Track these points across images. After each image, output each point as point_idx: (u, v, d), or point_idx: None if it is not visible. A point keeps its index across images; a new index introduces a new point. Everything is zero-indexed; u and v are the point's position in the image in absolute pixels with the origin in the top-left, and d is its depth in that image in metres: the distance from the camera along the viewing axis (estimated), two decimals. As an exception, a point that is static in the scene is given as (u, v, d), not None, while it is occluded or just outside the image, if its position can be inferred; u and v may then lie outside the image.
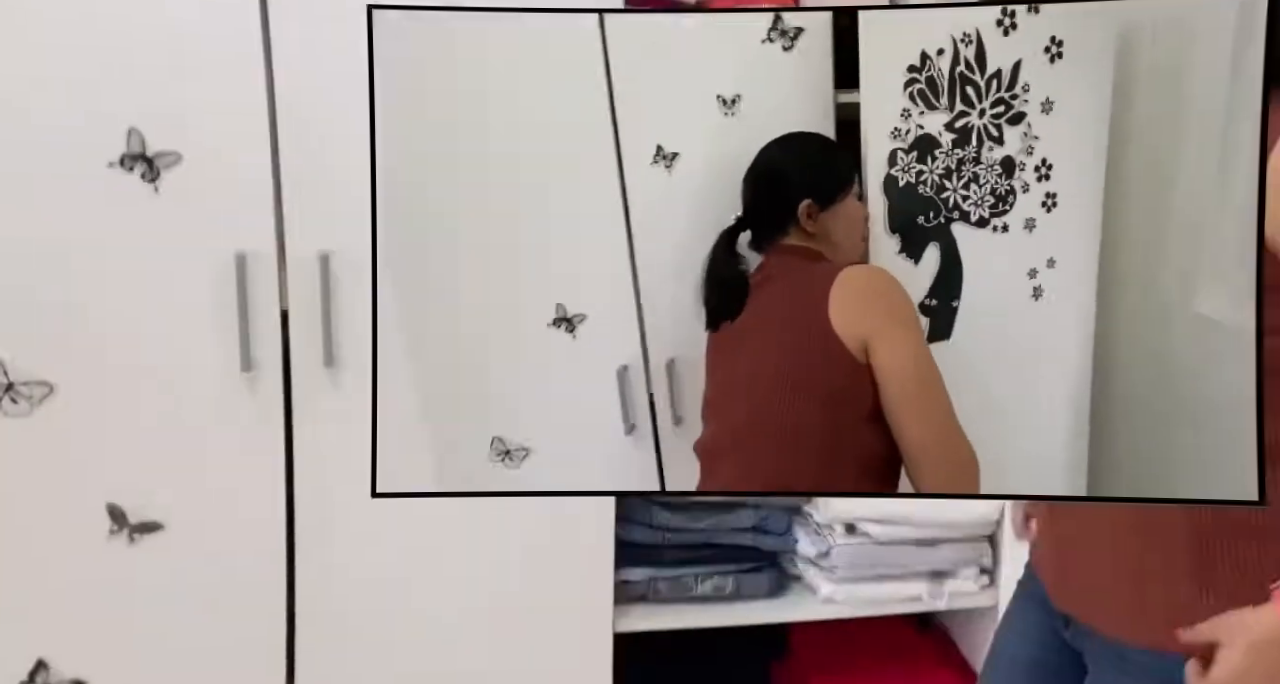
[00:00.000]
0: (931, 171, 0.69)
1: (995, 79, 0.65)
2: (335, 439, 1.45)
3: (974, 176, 0.67)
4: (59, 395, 1.37)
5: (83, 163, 1.31)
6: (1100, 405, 0.70)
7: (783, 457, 0.85)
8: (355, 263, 1.39)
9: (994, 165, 0.67)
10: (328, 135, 1.35)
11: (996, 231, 0.69)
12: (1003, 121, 0.66)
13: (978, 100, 0.66)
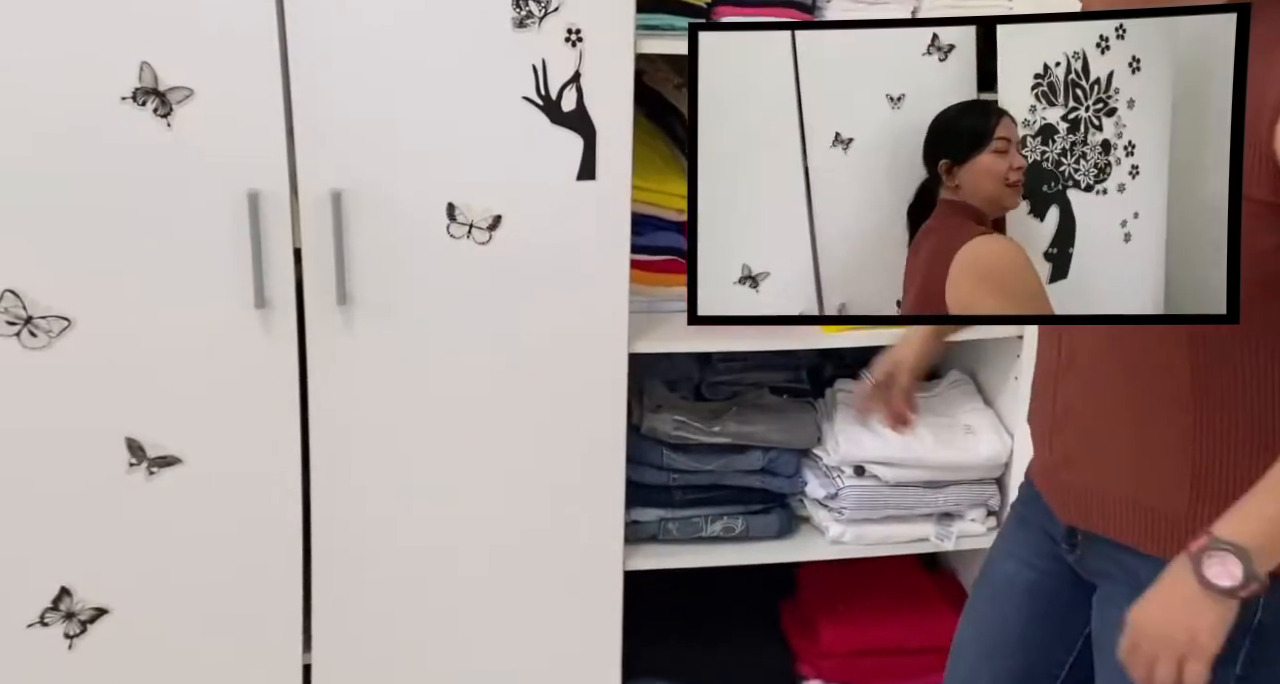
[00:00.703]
0: (1051, 151, 0.94)
1: (1096, 84, 0.93)
2: (348, 376, 1.47)
3: (1082, 155, 0.94)
4: (76, 329, 1.38)
5: (95, 96, 1.31)
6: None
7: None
8: (367, 200, 1.40)
9: (1096, 146, 0.94)
10: (340, 72, 1.35)
11: (1098, 194, 0.95)
12: (1101, 114, 0.94)
13: (1084, 99, 0.93)
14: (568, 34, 1.39)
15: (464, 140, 1.41)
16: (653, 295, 1.66)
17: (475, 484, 1.55)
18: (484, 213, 1.44)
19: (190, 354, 1.42)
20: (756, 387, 1.77)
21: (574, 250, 1.48)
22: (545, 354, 1.51)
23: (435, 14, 1.35)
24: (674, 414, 1.66)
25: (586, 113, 1.43)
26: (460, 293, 1.47)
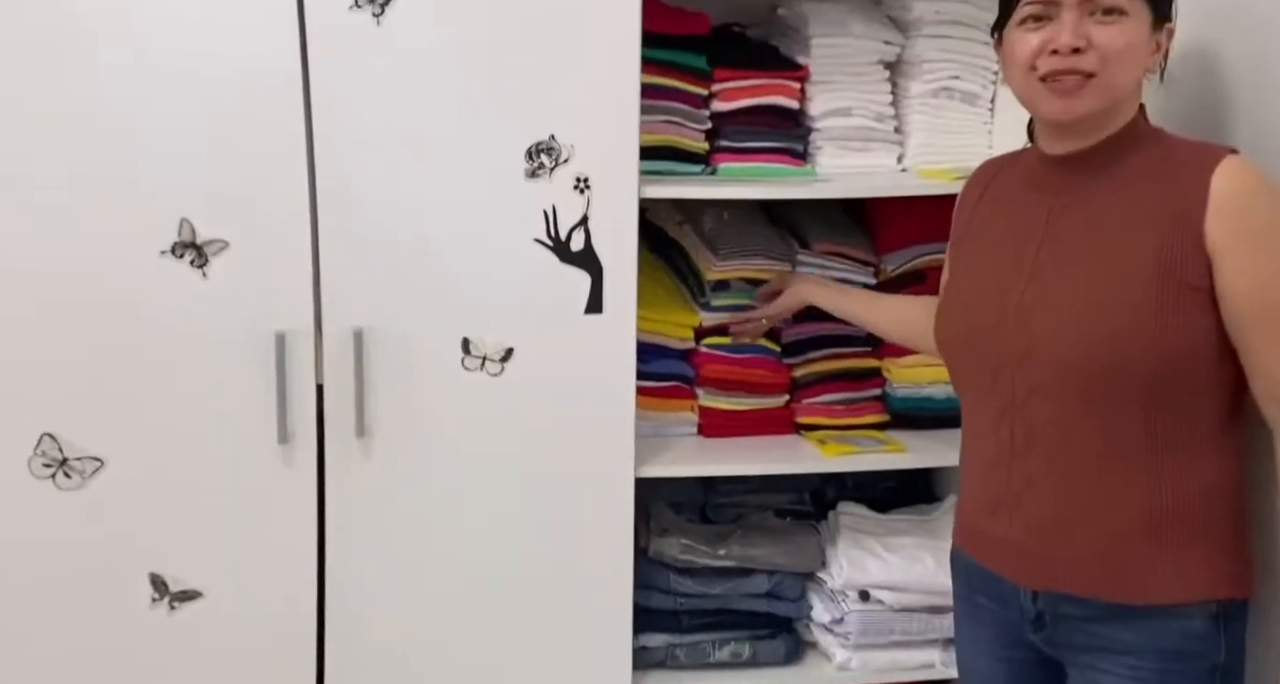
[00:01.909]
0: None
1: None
2: (364, 506, 1.51)
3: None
4: (108, 468, 1.44)
5: (136, 250, 1.40)
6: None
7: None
8: (387, 337, 1.48)
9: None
10: (366, 219, 1.45)
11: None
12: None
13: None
14: (576, 182, 1.49)
15: (479, 279, 1.49)
16: (659, 420, 1.72)
17: (488, 611, 1.57)
18: (497, 346, 1.52)
19: (214, 489, 1.47)
20: (760, 509, 1.80)
21: (582, 379, 1.55)
22: (555, 480, 1.56)
23: (455, 167, 1.46)
24: (680, 537, 1.69)
25: (594, 252, 1.52)
26: (473, 422, 1.53)
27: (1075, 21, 1.05)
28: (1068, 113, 1.07)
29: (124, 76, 1.36)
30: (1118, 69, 1.06)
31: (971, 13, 1.66)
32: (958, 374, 1.24)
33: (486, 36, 1.42)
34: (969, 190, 1.30)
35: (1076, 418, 1.09)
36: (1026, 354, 1.11)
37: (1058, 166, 1.13)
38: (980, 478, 1.19)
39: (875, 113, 1.68)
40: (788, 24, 1.71)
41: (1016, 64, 1.10)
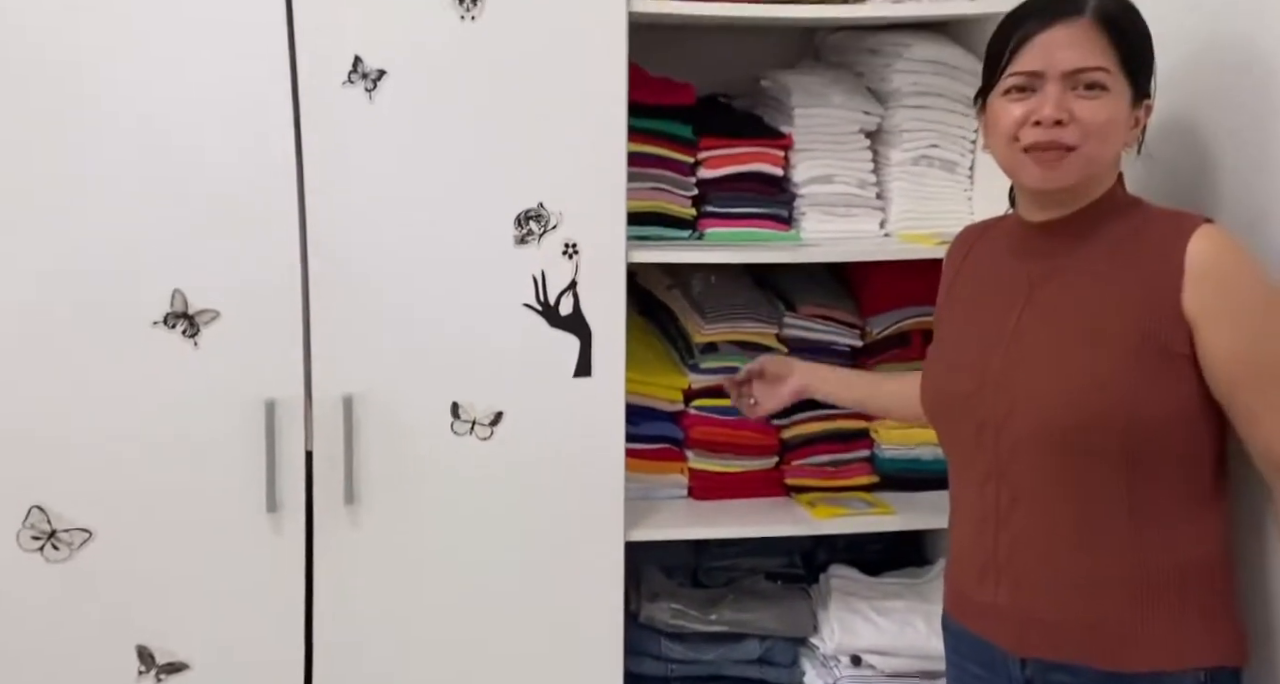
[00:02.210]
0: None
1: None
2: (353, 573, 1.51)
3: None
4: (97, 540, 1.44)
5: (127, 323, 1.42)
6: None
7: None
8: (377, 402, 1.49)
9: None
10: (356, 287, 1.47)
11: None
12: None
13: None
14: (565, 247, 1.52)
15: (468, 344, 1.51)
16: (649, 483, 1.72)
17: (475, 674, 1.55)
18: (486, 410, 1.53)
19: (202, 560, 1.46)
20: (752, 572, 1.80)
21: (572, 443, 1.55)
22: (545, 545, 1.55)
23: (445, 234, 1.48)
24: (671, 602, 1.68)
25: (583, 316, 1.54)
26: (462, 487, 1.53)
27: (1059, 95, 1.07)
28: (1048, 182, 1.10)
29: (119, 149, 1.39)
30: (1098, 143, 1.08)
31: (947, 85, 1.70)
32: (944, 436, 1.25)
33: (476, 108, 1.46)
34: (952, 255, 1.32)
35: (1058, 481, 1.10)
36: (1007, 416, 1.12)
37: (1038, 233, 1.15)
38: (968, 541, 1.19)
39: (857, 179, 1.72)
40: (771, 95, 1.76)
41: (999, 133, 1.12)
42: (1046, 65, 1.08)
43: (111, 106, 1.38)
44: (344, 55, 1.42)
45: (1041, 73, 1.08)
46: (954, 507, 1.25)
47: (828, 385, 1.54)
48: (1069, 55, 1.07)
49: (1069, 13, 1.09)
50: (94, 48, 1.36)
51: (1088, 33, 1.08)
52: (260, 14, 1.39)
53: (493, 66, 1.45)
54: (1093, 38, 1.08)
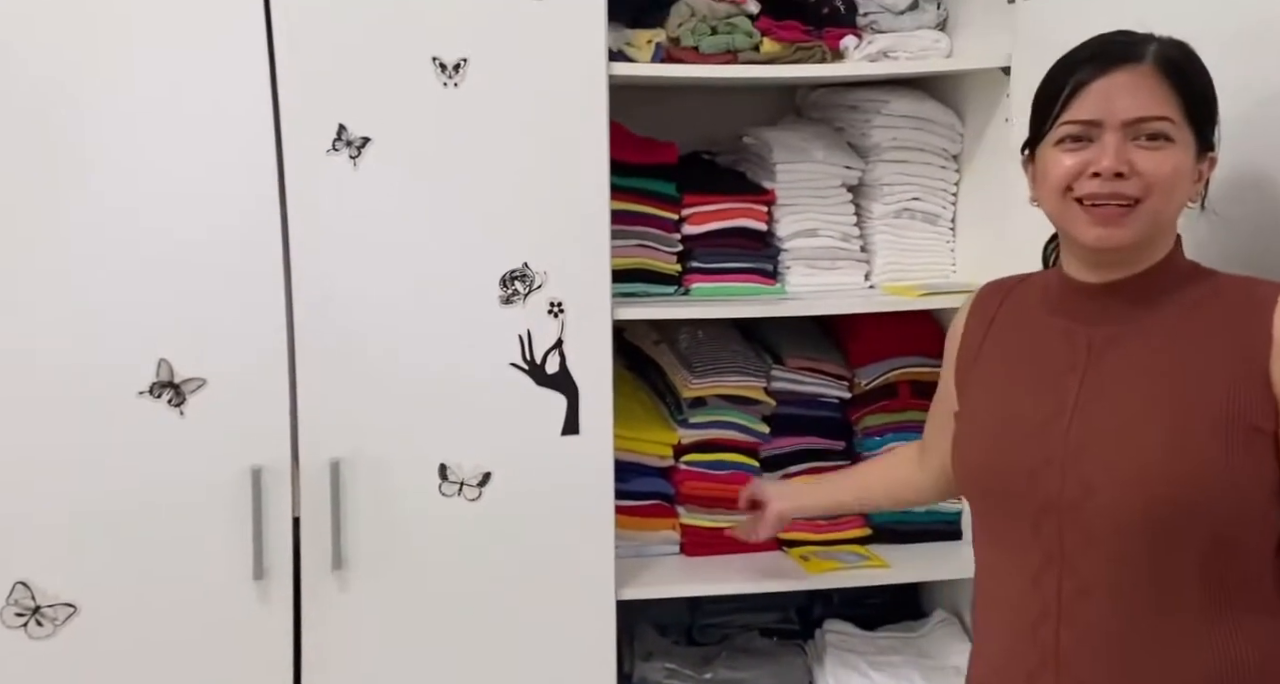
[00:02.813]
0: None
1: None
2: (342, 638, 1.49)
3: None
4: (81, 615, 1.43)
5: (113, 393, 1.42)
6: None
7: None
8: (364, 467, 1.48)
9: None
10: (342, 352, 1.47)
11: None
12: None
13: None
14: (550, 307, 1.53)
15: (455, 405, 1.51)
16: (639, 540, 1.71)
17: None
18: (474, 471, 1.52)
19: (188, 631, 1.45)
20: (746, 629, 1.77)
21: (561, 502, 1.54)
22: (535, 605, 1.54)
23: (430, 296, 1.49)
24: (665, 662, 1.66)
25: (569, 374, 1.54)
26: (451, 549, 1.52)
27: (1118, 145, 0.98)
28: (1107, 241, 1.00)
29: (102, 218, 1.39)
30: (1162, 197, 0.99)
31: (926, 139, 1.73)
32: (988, 516, 1.09)
33: (460, 172, 1.48)
34: (975, 314, 1.19)
35: (1134, 570, 0.97)
36: (1080, 500, 0.99)
37: (1093, 295, 1.05)
38: (1012, 638, 1.04)
39: (841, 233, 1.74)
40: (753, 151, 1.78)
41: (1051, 185, 1.03)
42: (1105, 114, 0.99)
43: (95, 176, 1.39)
44: (328, 123, 1.44)
45: (1100, 122, 0.99)
46: (988, 599, 1.09)
47: (811, 500, 1.52)
48: (1130, 103, 0.98)
49: (1130, 58, 1.00)
50: (79, 117, 1.38)
51: (1149, 80, 0.99)
52: (244, 83, 1.41)
53: (475, 131, 1.47)
54: (1155, 85, 0.99)
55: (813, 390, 1.75)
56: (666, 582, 1.65)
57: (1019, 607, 1.03)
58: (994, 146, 1.65)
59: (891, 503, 1.47)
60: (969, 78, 1.70)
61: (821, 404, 1.77)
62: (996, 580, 1.07)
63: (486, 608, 1.53)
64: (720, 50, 1.63)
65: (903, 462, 1.41)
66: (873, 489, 1.45)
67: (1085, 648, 0.99)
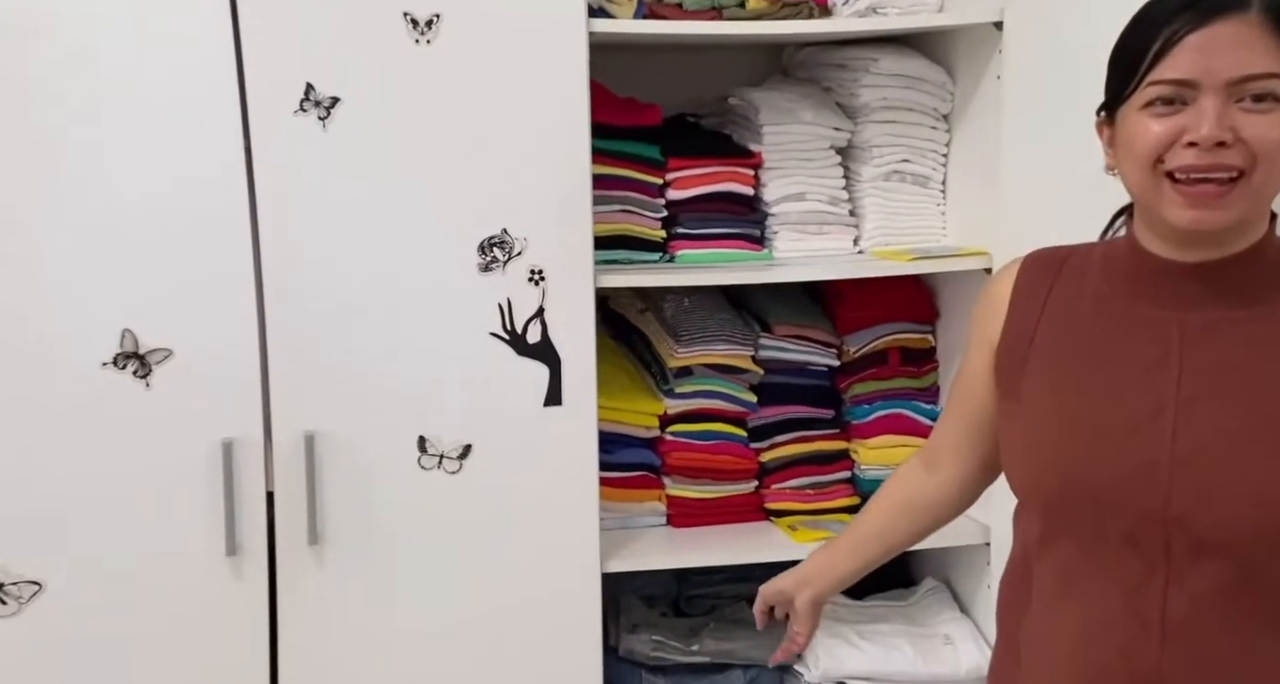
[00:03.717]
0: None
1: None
2: (319, 614, 1.46)
3: None
4: (47, 593, 1.39)
5: (76, 364, 1.37)
6: None
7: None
8: (340, 440, 1.44)
9: None
10: (314, 320, 1.42)
11: None
12: None
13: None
14: (531, 274, 1.48)
15: (434, 376, 1.47)
16: (625, 511, 1.69)
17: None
18: (454, 443, 1.48)
19: (159, 608, 1.41)
20: (735, 599, 1.75)
21: (543, 474, 1.51)
22: (518, 579, 1.51)
23: (405, 263, 1.44)
24: (651, 633, 1.64)
25: (551, 344, 1.50)
26: (431, 523, 1.48)
27: (1219, 109, 0.84)
28: (1205, 223, 0.86)
29: (62, 183, 1.34)
30: (1268, 169, 0.85)
31: (916, 98, 1.68)
32: (1059, 532, 0.94)
33: (434, 134, 1.42)
34: (1022, 297, 1.00)
35: (1256, 585, 0.87)
36: (1192, 511, 0.87)
37: (1180, 276, 0.91)
38: (1091, 659, 0.91)
39: (829, 197, 1.69)
40: (739, 112, 1.73)
41: (1137, 156, 0.88)
42: (1203, 73, 0.84)
43: (55, 139, 1.33)
44: (295, 83, 1.38)
45: (1196, 82, 0.85)
46: (1053, 616, 0.95)
47: (839, 570, 1.18)
48: (1233, 60, 0.84)
49: (1232, 6, 0.85)
50: (38, 79, 1.32)
51: (1256, 31, 0.84)
52: (206, 41, 1.35)
53: (450, 91, 1.42)
54: (1263, 38, 0.84)
55: (801, 358, 1.72)
56: (653, 553, 1.62)
57: (1106, 624, 0.91)
58: (986, 105, 1.61)
59: (915, 535, 1.17)
60: (960, 34, 1.65)
61: (810, 372, 1.74)
62: (1069, 594, 0.94)
63: (468, 583, 1.50)
64: (705, 6, 1.58)
65: (911, 483, 1.15)
66: (897, 527, 1.16)
67: (1192, 667, 0.88)
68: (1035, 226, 1.16)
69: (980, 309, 1.04)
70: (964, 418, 1.07)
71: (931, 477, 1.12)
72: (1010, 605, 1.01)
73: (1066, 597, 0.94)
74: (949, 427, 1.10)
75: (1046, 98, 1.45)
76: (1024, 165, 1.51)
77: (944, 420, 1.12)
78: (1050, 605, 0.95)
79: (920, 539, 1.17)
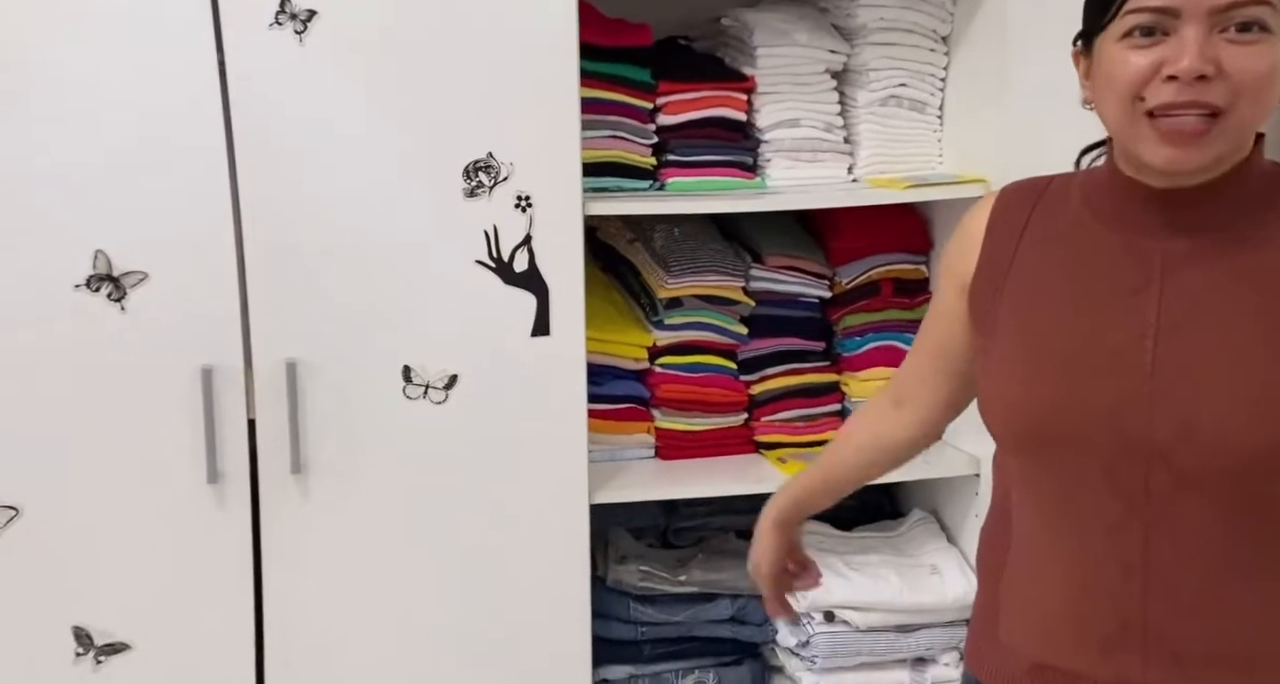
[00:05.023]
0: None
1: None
2: (303, 545, 1.45)
3: None
4: (24, 518, 1.37)
5: (47, 286, 1.33)
6: None
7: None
8: (322, 368, 1.41)
9: None
10: (294, 245, 1.39)
11: None
12: None
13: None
14: (518, 200, 1.44)
15: (418, 304, 1.44)
16: (614, 444, 1.67)
17: (437, 651, 1.50)
18: (440, 373, 1.46)
19: (140, 535, 1.40)
20: (723, 531, 1.76)
21: (531, 405, 1.49)
22: (505, 510, 1.50)
23: (388, 188, 1.40)
24: (640, 564, 1.64)
25: (539, 273, 1.46)
26: (417, 453, 1.46)
27: (1201, 39, 0.79)
28: (1182, 163, 0.82)
29: (29, 98, 1.29)
30: (1251, 104, 0.81)
31: (915, 19, 1.63)
32: (1036, 470, 0.91)
33: (416, 52, 1.37)
34: (997, 229, 0.96)
35: (1237, 522, 0.84)
36: (1176, 441, 0.84)
37: (1162, 202, 0.87)
38: (1079, 601, 0.89)
39: (824, 123, 1.65)
40: (732, 34, 1.68)
41: (1115, 90, 0.83)
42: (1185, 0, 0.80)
43: (19, 53, 1.27)
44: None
45: (1178, 9, 0.80)
46: (1033, 559, 0.93)
47: (808, 496, 1.16)
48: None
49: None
50: None
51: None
52: (176, -50, 1.29)
53: (433, 5, 1.36)
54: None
55: (792, 290, 1.70)
56: (641, 485, 1.61)
57: (1088, 567, 0.88)
58: (986, 27, 1.56)
59: (879, 473, 1.15)
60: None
61: (801, 304, 1.71)
62: (1049, 537, 0.91)
63: (455, 514, 1.48)
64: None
65: (880, 419, 1.11)
66: (861, 462, 1.14)
67: (1177, 610, 0.86)
68: (1038, 154, 1.10)
69: (954, 245, 1.00)
70: (932, 355, 1.04)
71: (899, 413, 1.08)
72: (990, 551, 0.99)
73: (1046, 541, 0.91)
74: (916, 364, 1.07)
75: (1054, 16, 1.40)
76: (1029, 89, 1.47)
77: (912, 357, 1.08)
78: (1030, 550, 0.93)
79: (883, 475, 1.15)
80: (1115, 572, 0.87)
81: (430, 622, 1.50)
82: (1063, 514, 0.90)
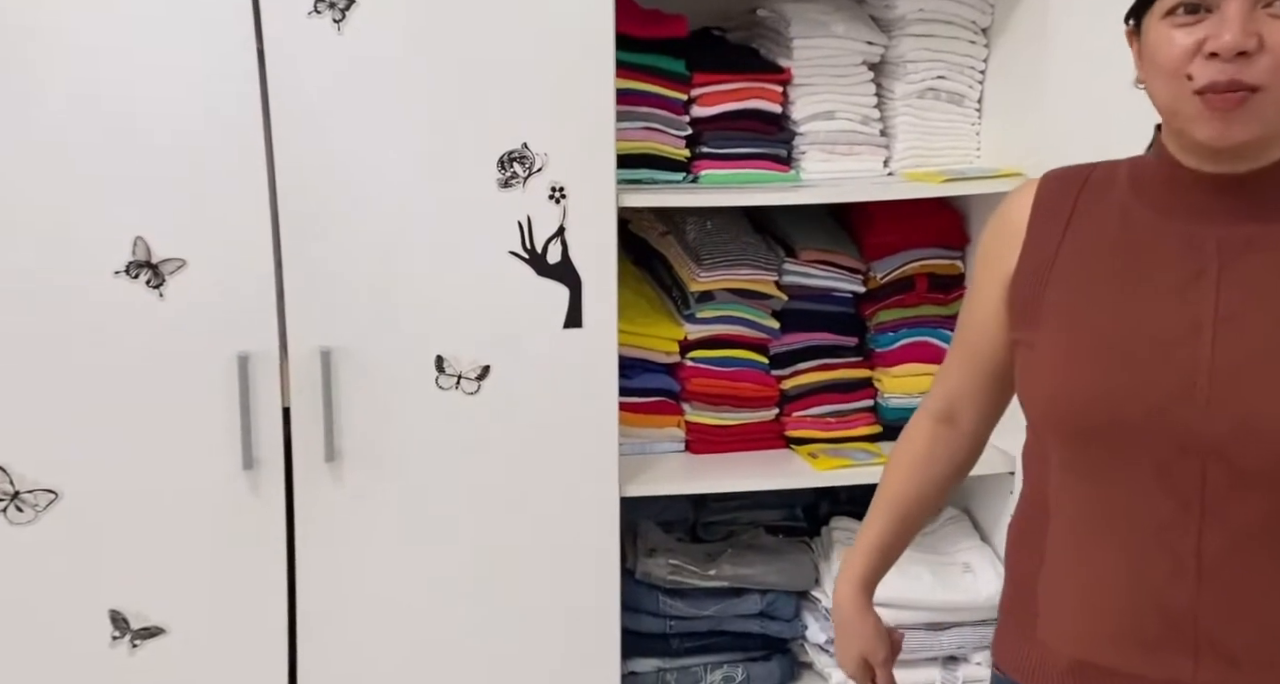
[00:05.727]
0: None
1: None
2: (336, 532, 1.45)
3: None
4: (63, 501, 1.38)
5: (88, 273, 1.34)
6: None
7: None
8: (356, 356, 1.42)
9: None
10: (330, 234, 1.39)
11: None
12: None
13: None
14: (551, 192, 1.44)
15: (452, 295, 1.44)
16: (644, 437, 1.67)
17: (469, 641, 1.51)
18: (472, 364, 1.46)
19: (176, 521, 1.41)
20: (753, 526, 1.75)
21: (562, 397, 1.49)
22: (536, 502, 1.50)
23: (423, 177, 1.40)
24: (669, 558, 1.64)
25: (572, 264, 1.46)
26: (449, 443, 1.47)
27: (1244, 14, 0.78)
28: (1227, 138, 0.81)
29: (73, 87, 1.30)
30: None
31: (955, 10, 1.61)
32: (1083, 464, 0.88)
33: (453, 42, 1.37)
34: (1041, 217, 0.94)
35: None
36: (1233, 436, 0.81)
37: (1216, 188, 0.85)
38: (1126, 602, 0.87)
39: (860, 115, 1.64)
40: (768, 25, 1.66)
41: (1160, 69, 0.83)
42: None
43: (64, 42, 1.29)
44: (309, -17, 1.33)
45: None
46: (1076, 556, 0.90)
47: (891, 553, 1.10)
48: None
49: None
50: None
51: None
52: (217, -61, 1.29)
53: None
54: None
55: (825, 284, 1.68)
56: (671, 479, 1.61)
57: (1135, 564, 0.86)
58: (1027, 19, 1.54)
59: (956, 487, 1.10)
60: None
61: (834, 299, 1.70)
62: (1094, 533, 0.88)
63: (486, 503, 1.49)
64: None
65: (938, 441, 1.05)
66: (938, 481, 1.07)
67: (1232, 611, 0.84)
68: (1079, 148, 1.07)
69: (993, 234, 0.97)
70: (974, 362, 1.00)
71: (953, 431, 1.04)
72: (1023, 547, 0.96)
73: (1090, 537, 0.88)
74: (960, 374, 1.02)
75: (1095, 9, 1.38)
76: (1069, 83, 1.45)
77: (954, 369, 1.03)
78: (1072, 546, 0.90)
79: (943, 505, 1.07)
80: (1164, 570, 0.85)
81: (460, 611, 1.50)
82: (1109, 510, 0.87)
